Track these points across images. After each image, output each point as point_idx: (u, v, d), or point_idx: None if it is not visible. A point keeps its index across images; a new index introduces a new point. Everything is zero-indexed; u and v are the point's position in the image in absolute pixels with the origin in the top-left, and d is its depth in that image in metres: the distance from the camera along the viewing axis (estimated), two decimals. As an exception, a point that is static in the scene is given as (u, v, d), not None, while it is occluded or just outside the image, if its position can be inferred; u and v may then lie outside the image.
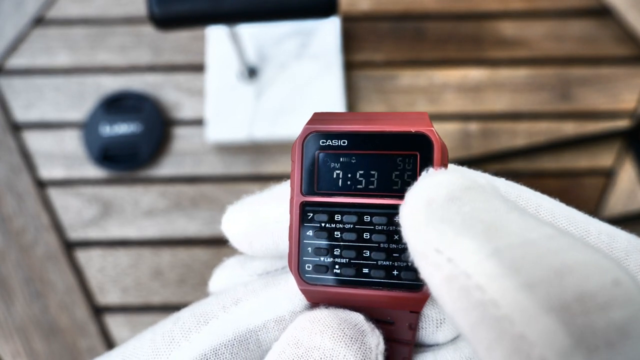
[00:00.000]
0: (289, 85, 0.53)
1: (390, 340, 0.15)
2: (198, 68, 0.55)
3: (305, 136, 0.16)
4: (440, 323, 0.15)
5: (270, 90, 0.53)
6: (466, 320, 0.11)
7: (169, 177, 0.53)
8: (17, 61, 0.57)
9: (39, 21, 0.58)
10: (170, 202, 0.52)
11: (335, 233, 0.15)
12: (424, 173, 0.13)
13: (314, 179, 0.15)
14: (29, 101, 0.55)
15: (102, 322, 0.49)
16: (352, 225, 0.15)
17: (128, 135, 0.53)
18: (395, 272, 0.15)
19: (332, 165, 0.15)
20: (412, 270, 0.14)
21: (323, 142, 0.15)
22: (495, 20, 0.56)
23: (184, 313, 0.16)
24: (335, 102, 0.52)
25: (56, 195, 0.52)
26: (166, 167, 0.53)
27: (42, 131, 0.54)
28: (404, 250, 0.14)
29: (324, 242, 0.15)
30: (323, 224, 0.15)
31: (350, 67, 0.55)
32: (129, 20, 0.58)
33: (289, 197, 0.16)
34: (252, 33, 0.55)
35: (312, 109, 0.52)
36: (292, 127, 0.52)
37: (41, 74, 0.56)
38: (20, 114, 0.55)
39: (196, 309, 0.16)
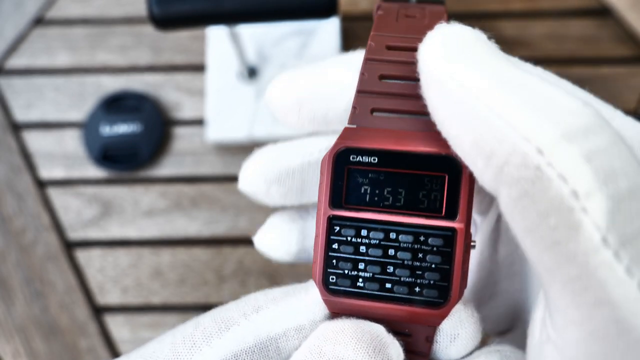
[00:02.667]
0: (289, 85, 0.53)
1: (407, 352, 0.16)
2: (198, 68, 0.55)
3: (337, 150, 0.16)
4: (454, 338, 0.16)
5: (270, 90, 0.53)
6: (471, 135, 0.12)
7: (169, 177, 0.53)
8: (17, 61, 0.57)
9: (39, 21, 0.58)
10: (170, 202, 0.52)
11: (361, 247, 0.16)
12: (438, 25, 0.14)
13: (342, 193, 0.16)
14: (29, 101, 0.55)
15: (102, 322, 0.49)
16: (377, 241, 0.16)
17: (128, 135, 0.53)
18: (417, 289, 0.15)
19: (361, 180, 0.16)
20: (434, 288, 0.15)
21: (353, 158, 0.16)
22: (495, 20, 0.56)
23: (204, 318, 0.16)
24: (335, 102, 0.52)
25: (56, 195, 0.52)
26: (166, 167, 0.53)
27: (42, 131, 0.54)
28: (428, 268, 0.15)
29: (349, 256, 0.16)
30: (349, 238, 0.16)
31: (350, 67, 0.55)
32: (129, 20, 0.58)
33: (352, 63, 0.16)
34: (252, 33, 0.55)
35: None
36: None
37: (41, 74, 0.56)
38: (20, 114, 0.55)
39: (217, 315, 0.16)
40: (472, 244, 0.16)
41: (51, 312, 0.49)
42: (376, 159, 0.16)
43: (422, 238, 0.15)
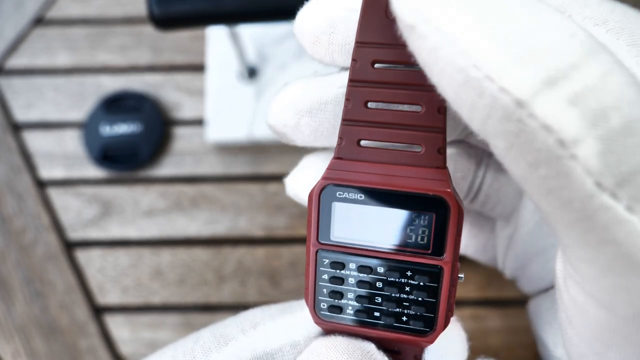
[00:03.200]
0: (289, 85, 0.53)
1: None
2: (198, 68, 0.55)
3: (323, 187, 0.16)
4: (442, 356, 0.16)
5: (270, 90, 0.53)
6: (451, 87, 0.11)
7: (169, 177, 0.53)
8: (17, 61, 0.57)
9: (39, 21, 0.58)
10: (170, 202, 0.52)
11: (349, 279, 0.16)
12: None
13: (329, 228, 0.16)
14: (29, 101, 0.55)
15: (102, 322, 0.49)
16: (365, 275, 0.16)
17: (128, 135, 0.53)
18: (404, 319, 0.16)
19: (348, 216, 0.16)
20: (421, 319, 0.16)
21: (340, 194, 0.16)
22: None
23: (204, 333, 0.17)
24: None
25: (56, 195, 0.52)
26: (166, 167, 0.53)
27: (42, 131, 0.54)
28: (414, 302, 0.16)
29: (337, 287, 0.16)
30: (337, 271, 0.16)
31: (350, 67, 0.55)
32: (129, 20, 0.58)
33: None
34: (252, 33, 0.55)
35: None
36: (292, 127, 0.52)
37: (41, 74, 0.56)
38: (20, 114, 0.55)
39: (216, 330, 0.17)
40: (459, 277, 0.16)
41: (51, 312, 0.49)
42: (362, 196, 0.16)
43: (409, 273, 0.16)
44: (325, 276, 0.16)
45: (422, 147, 0.15)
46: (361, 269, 0.16)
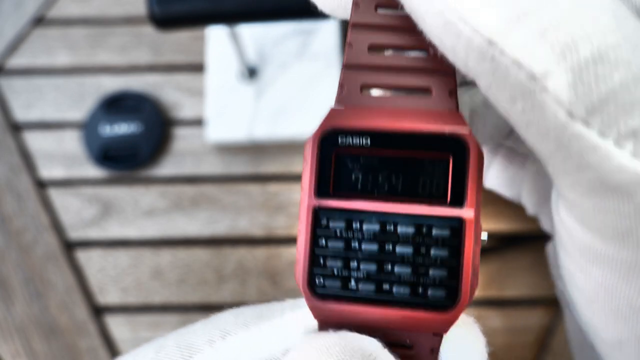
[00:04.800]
0: (289, 85, 0.53)
1: None
2: (198, 68, 0.55)
3: (322, 132, 0.14)
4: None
5: (270, 90, 0.53)
6: (433, 30, 0.12)
7: (169, 177, 0.53)
8: (17, 61, 0.57)
9: (39, 21, 0.58)
10: (170, 202, 0.52)
11: (353, 243, 0.13)
12: None
13: (329, 181, 0.14)
14: (29, 101, 0.55)
15: (102, 322, 0.49)
16: (373, 235, 0.13)
17: (128, 135, 0.53)
18: (420, 290, 0.13)
19: (352, 166, 0.14)
20: (441, 287, 0.13)
21: (342, 141, 0.14)
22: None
23: (168, 341, 0.15)
24: (336, 102, 0.52)
25: (56, 195, 0.52)
26: (166, 167, 0.53)
27: (42, 131, 0.54)
28: (433, 264, 0.13)
29: (339, 253, 0.13)
30: (339, 232, 0.13)
31: (350, 67, 0.55)
32: (129, 20, 0.58)
33: None
34: (252, 33, 0.55)
35: (312, 108, 0.52)
36: (292, 127, 0.52)
37: (41, 74, 0.56)
38: (20, 114, 0.55)
39: (181, 340, 0.15)
40: (482, 238, 0.13)
41: (51, 312, 0.49)
42: (369, 140, 0.13)
43: (424, 230, 0.13)
44: (324, 241, 0.13)
45: (432, 90, 0.13)
46: (368, 226, 0.13)
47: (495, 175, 0.21)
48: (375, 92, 0.14)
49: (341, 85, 0.14)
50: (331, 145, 0.14)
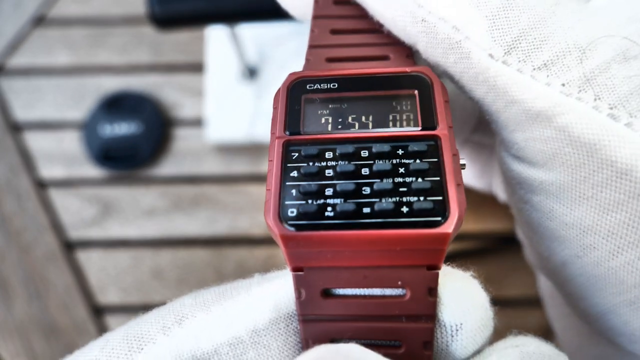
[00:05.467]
0: (289, 85, 0.53)
1: None
2: (198, 68, 0.55)
3: (290, 81, 0.14)
4: (457, 330, 0.12)
5: (270, 90, 0.53)
6: (377, 5, 0.14)
7: (169, 177, 0.53)
8: (17, 61, 0.57)
9: (39, 21, 0.58)
10: (170, 202, 0.52)
11: (327, 171, 0.12)
12: None
13: (300, 121, 0.13)
14: (29, 101, 0.55)
15: (102, 322, 0.49)
16: (347, 160, 0.12)
17: (128, 135, 0.53)
18: (405, 207, 0.11)
19: (321, 110, 0.13)
20: (428, 201, 0.11)
21: (310, 86, 0.14)
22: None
23: (116, 334, 0.13)
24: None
25: (56, 195, 0.52)
26: (166, 167, 0.53)
27: (42, 131, 0.54)
28: (415, 179, 0.12)
29: (314, 179, 0.12)
30: (312, 161, 0.12)
31: (350, 67, 0.55)
32: (129, 20, 0.58)
33: None
34: (252, 33, 0.55)
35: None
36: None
37: (41, 74, 0.56)
38: (20, 114, 0.55)
39: (130, 330, 0.13)
40: (461, 162, 0.13)
41: (51, 312, 0.49)
42: (336, 84, 0.13)
43: (400, 150, 0.12)
44: (295, 173, 0.12)
45: (390, 56, 0.14)
46: (342, 153, 0.12)
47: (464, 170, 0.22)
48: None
49: (307, 59, 0.15)
50: (300, 91, 0.14)
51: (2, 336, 0.49)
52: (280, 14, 0.41)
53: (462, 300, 0.12)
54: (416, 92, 0.13)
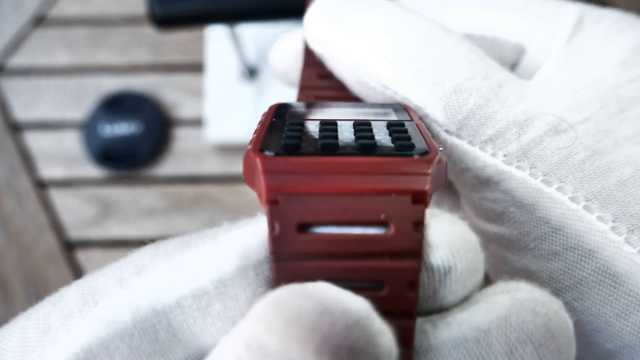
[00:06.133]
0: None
1: (383, 314, 0.10)
2: (198, 68, 0.55)
3: (276, 106, 0.14)
4: (445, 274, 0.10)
5: (270, 90, 0.53)
6: (349, 81, 0.16)
7: (169, 177, 0.53)
8: (17, 61, 0.57)
9: (39, 21, 0.58)
10: (170, 202, 0.52)
11: (310, 125, 0.12)
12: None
13: (284, 115, 0.13)
14: (29, 101, 0.55)
15: (102, 322, 0.49)
16: (331, 123, 0.12)
17: (128, 135, 0.53)
18: (386, 143, 0.11)
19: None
20: (407, 139, 0.11)
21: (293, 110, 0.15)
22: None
23: (70, 290, 0.12)
24: (336, 102, 0.52)
25: (56, 195, 0.52)
26: (166, 167, 0.53)
27: (42, 131, 0.54)
28: (390, 128, 0.12)
29: (296, 127, 0.12)
30: (298, 119, 0.13)
31: (350, 67, 0.55)
32: (129, 20, 0.58)
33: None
34: (252, 33, 0.55)
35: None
36: (292, 127, 0.52)
37: (41, 74, 0.56)
38: (20, 114, 0.55)
39: (85, 284, 0.12)
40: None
41: (51, 312, 0.49)
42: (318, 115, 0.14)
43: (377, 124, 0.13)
44: (282, 118, 0.13)
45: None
46: (324, 121, 0.12)
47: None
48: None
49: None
50: (284, 111, 0.14)
51: (2, 336, 0.49)
52: (280, 14, 0.41)
53: (452, 241, 0.11)
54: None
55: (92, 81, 0.56)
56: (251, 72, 0.54)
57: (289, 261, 0.10)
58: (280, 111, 0.13)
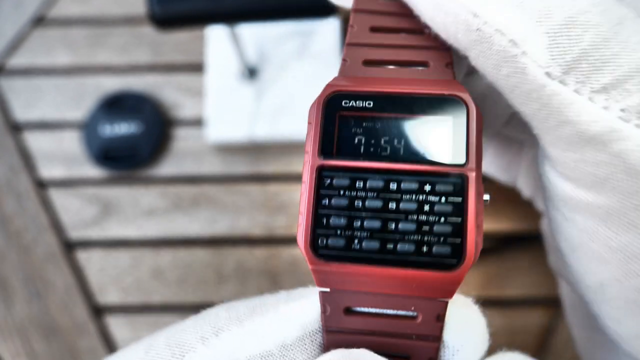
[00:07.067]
0: (289, 85, 0.53)
1: None
2: (198, 68, 0.55)
3: (327, 95, 0.14)
4: (457, 350, 0.14)
5: (270, 90, 0.53)
6: (427, 11, 0.13)
7: (169, 177, 0.53)
8: (17, 61, 0.57)
9: (39, 21, 0.58)
10: (170, 202, 0.52)
11: (357, 202, 0.13)
12: None
13: (333, 143, 0.14)
14: (29, 101, 0.55)
15: (102, 322, 0.49)
16: (376, 193, 0.13)
17: (128, 135, 0.53)
18: (425, 248, 0.13)
19: (355, 130, 0.14)
20: (446, 244, 0.13)
21: (346, 103, 0.14)
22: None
23: (158, 340, 0.14)
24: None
25: (56, 195, 0.52)
26: (166, 167, 0.53)
27: (42, 131, 0.54)
28: (436, 221, 0.13)
29: (343, 211, 0.13)
30: (343, 191, 0.13)
31: (350, 67, 0.55)
32: (129, 20, 0.58)
33: None
34: (252, 33, 0.55)
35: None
36: (292, 127, 0.52)
37: (41, 74, 0.56)
38: (20, 114, 0.55)
39: (172, 338, 0.14)
40: (485, 197, 0.13)
41: (51, 312, 0.49)
42: (372, 103, 0.14)
43: (427, 186, 0.13)
44: (327, 200, 0.13)
45: (429, 63, 0.14)
46: (372, 184, 0.13)
47: (490, 161, 0.22)
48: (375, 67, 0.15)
49: (344, 59, 0.15)
50: (335, 108, 0.14)
51: (2, 336, 0.49)
52: (280, 14, 0.41)
53: (465, 325, 0.14)
54: (451, 119, 0.13)
55: (92, 81, 0.56)
56: (251, 72, 0.54)
57: (337, 334, 0.13)
58: (326, 140, 0.14)
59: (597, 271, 0.13)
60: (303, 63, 0.54)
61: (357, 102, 0.14)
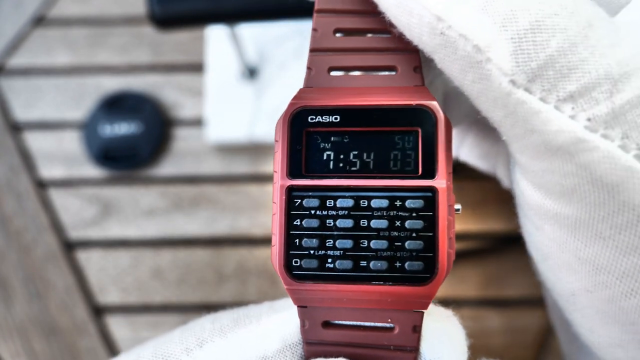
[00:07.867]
0: (289, 85, 0.53)
1: None
2: (198, 68, 0.55)
3: (292, 112, 0.14)
4: (440, 354, 0.14)
5: (270, 90, 0.53)
6: (390, 10, 0.12)
7: (169, 177, 0.53)
8: (17, 61, 0.57)
9: (39, 21, 0.58)
10: (170, 202, 0.52)
11: (328, 221, 0.13)
12: None
13: (301, 161, 0.14)
14: (29, 101, 0.55)
15: (102, 322, 0.49)
16: (347, 212, 0.13)
17: (128, 135, 0.53)
18: (398, 264, 0.13)
19: (323, 145, 0.14)
20: (418, 259, 0.13)
21: (312, 119, 0.14)
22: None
23: (145, 351, 0.15)
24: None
25: (56, 195, 0.52)
26: (166, 167, 0.53)
27: (42, 131, 0.54)
28: (408, 237, 0.13)
29: (315, 232, 0.13)
30: (313, 211, 0.13)
31: (350, 67, 0.55)
32: (129, 20, 0.58)
33: None
34: (252, 33, 0.55)
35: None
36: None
37: (41, 74, 0.56)
38: (20, 114, 0.55)
39: (159, 349, 0.15)
40: (455, 207, 0.13)
41: (51, 312, 0.49)
42: (338, 117, 0.13)
43: (398, 202, 0.13)
44: (298, 221, 0.13)
45: (397, 68, 0.14)
46: (342, 202, 0.13)
47: (469, 150, 0.21)
48: (341, 74, 0.14)
49: (309, 68, 0.14)
50: (301, 124, 0.14)
51: (2, 336, 0.49)
52: (280, 14, 0.41)
53: (442, 337, 0.14)
54: (419, 130, 0.13)
55: (92, 81, 0.56)
56: (251, 72, 0.54)
57: (317, 345, 0.14)
58: (294, 159, 0.14)
59: (568, 280, 0.13)
60: (303, 63, 0.54)
61: (324, 117, 0.14)
